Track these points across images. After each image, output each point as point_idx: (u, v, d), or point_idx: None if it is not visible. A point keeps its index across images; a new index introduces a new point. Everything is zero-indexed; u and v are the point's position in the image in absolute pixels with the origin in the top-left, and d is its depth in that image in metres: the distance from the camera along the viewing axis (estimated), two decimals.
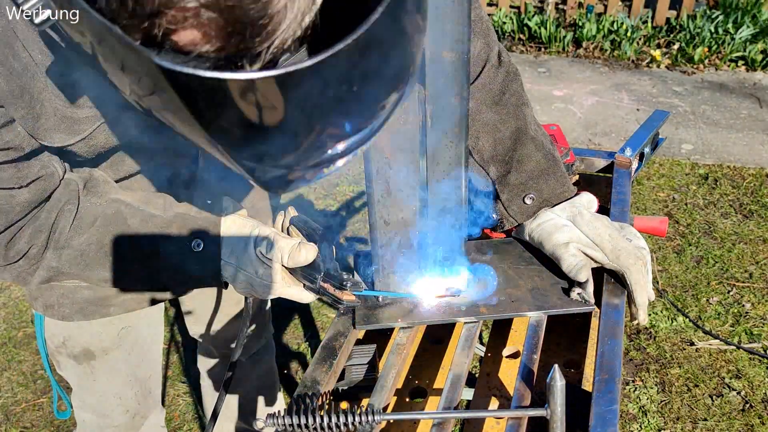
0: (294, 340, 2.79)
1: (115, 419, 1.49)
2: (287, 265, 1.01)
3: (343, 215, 3.49)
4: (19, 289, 3.11)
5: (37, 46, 0.85)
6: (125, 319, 1.37)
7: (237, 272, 1.04)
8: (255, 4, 0.57)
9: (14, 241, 0.96)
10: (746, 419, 2.32)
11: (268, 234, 1.03)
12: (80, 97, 0.91)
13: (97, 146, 0.98)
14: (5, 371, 2.68)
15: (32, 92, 0.87)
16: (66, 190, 0.99)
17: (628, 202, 1.36)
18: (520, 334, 1.20)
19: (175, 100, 0.55)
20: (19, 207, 0.93)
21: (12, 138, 0.88)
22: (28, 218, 0.96)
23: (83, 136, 0.95)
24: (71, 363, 1.39)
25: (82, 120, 0.93)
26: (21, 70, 0.85)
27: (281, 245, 1.01)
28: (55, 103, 0.90)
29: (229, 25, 0.58)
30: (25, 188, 0.93)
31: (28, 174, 0.93)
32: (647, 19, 5.57)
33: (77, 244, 0.99)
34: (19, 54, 0.84)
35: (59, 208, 0.98)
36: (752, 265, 3.05)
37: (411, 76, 0.64)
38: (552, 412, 0.84)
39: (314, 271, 1.02)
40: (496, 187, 1.18)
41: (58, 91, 0.89)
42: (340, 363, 1.07)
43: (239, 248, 1.03)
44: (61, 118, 0.91)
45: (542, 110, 4.54)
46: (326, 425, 0.84)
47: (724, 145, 4.06)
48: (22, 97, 0.87)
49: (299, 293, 1.06)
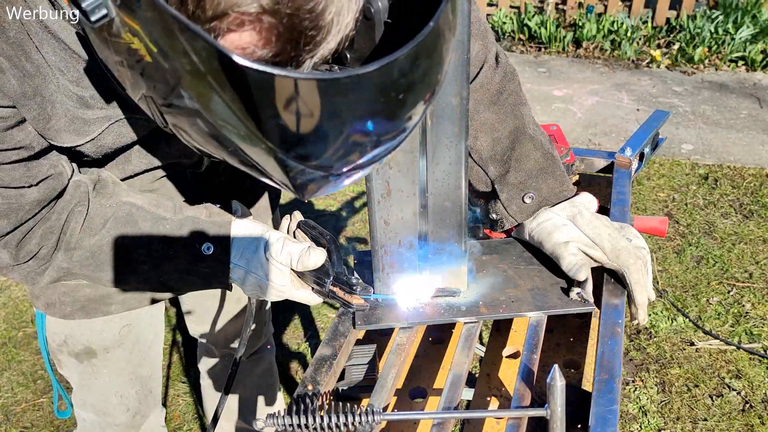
0: (294, 340, 2.79)
1: (115, 418, 1.50)
2: (297, 268, 1.03)
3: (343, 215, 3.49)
4: (19, 289, 3.11)
5: (51, 47, 0.86)
6: (126, 318, 1.37)
7: (246, 275, 1.05)
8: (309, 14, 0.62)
9: (25, 241, 0.97)
10: (746, 419, 2.32)
11: (278, 238, 1.04)
12: (92, 98, 0.92)
13: (104, 147, 0.99)
14: (5, 371, 2.68)
15: (44, 94, 0.88)
16: (76, 191, 1.00)
17: (628, 202, 1.36)
18: (520, 334, 1.20)
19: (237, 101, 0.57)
20: (29, 206, 0.94)
21: (23, 138, 0.89)
22: (38, 218, 0.96)
23: (92, 137, 0.96)
24: (72, 361, 1.40)
25: (92, 121, 0.94)
26: (34, 71, 0.86)
27: (291, 249, 1.02)
28: (66, 105, 0.91)
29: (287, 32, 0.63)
30: (35, 187, 0.94)
31: (37, 173, 0.94)
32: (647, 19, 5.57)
33: (88, 245, 1.00)
34: (31, 55, 0.85)
35: (70, 209, 0.99)
36: (752, 265, 3.05)
37: (439, 84, 0.68)
38: (552, 412, 0.84)
39: (323, 275, 1.03)
40: (495, 187, 1.18)
41: (70, 92, 0.90)
42: (340, 363, 1.07)
43: (249, 251, 1.04)
44: (72, 119, 0.92)
45: (542, 110, 4.55)
46: (326, 425, 0.84)
47: (724, 145, 4.06)
48: (34, 99, 0.87)
49: (308, 296, 1.07)
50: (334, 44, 0.67)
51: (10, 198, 0.92)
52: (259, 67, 0.54)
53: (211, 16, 0.61)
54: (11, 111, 0.86)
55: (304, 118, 0.59)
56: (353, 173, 0.70)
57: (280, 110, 0.58)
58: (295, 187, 0.69)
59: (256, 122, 0.59)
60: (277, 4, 0.61)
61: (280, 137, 0.61)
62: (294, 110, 0.58)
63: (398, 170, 0.97)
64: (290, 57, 0.66)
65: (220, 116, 0.61)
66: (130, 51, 0.63)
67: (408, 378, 1.15)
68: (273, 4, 0.61)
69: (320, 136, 0.61)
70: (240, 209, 1.10)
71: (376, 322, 1.09)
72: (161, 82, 0.63)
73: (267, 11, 0.61)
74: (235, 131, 0.62)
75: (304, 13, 0.62)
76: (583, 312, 1.09)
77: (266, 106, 0.58)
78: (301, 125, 0.60)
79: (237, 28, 0.62)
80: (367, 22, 0.73)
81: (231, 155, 0.69)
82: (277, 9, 0.61)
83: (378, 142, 0.66)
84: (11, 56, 0.83)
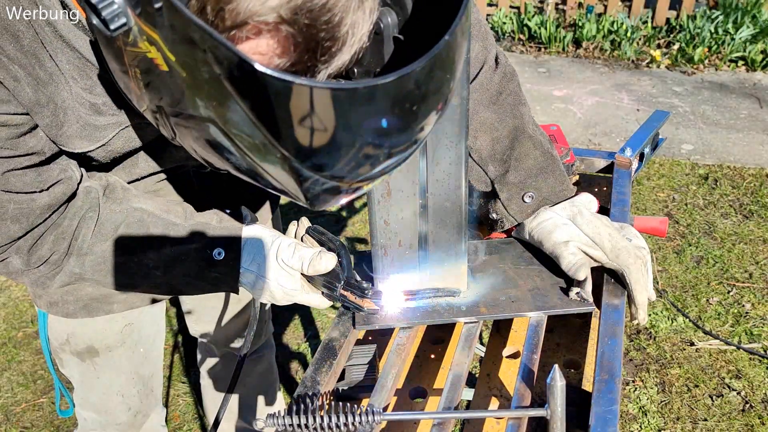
0: (294, 340, 2.79)
1: (117, 417, 1.50)
2: (308, 272, 1.03)
3: (343, 215, 3.49)
4: (19, 289, 3.11)
5: (65, 56, 0.87)
6: (128, 317, 1.38)
7: (257, 280, 1.06)
8: (326, 25, 0.63)
9: (36, 246, 0.97)
10: (746, 419, 2.32)
11: (290, 243, 1.05)
12: (104, 105, 0.93)
13: (113, 151, 1.00)
14: (5, 371, 2.68)
15: (57, 101, 0.89)
16: (87, 197, 1.01)
17: (628, 202, 1.36)
18: (520, 334, 1.20)
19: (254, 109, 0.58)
20: (39, 210, 0.95)
21: (35, 144, 0.90)
22: (49, 223, 0.97)
23: (103, 143, 0.97)
24: (74, 360, 1.40)
25: (103, 127, 0.95)
26: (47, 79, 0.87)
27: (302, 253, 1.03)
28: (78, 111, 0.91)
29: (304, 42, 0.64)
30: (45, 192, 0.94)
31: (48, 178, 0.94)
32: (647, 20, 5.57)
33: (100, 250, 1.01)
34: (45, 63, 0.86)
35: (81, 215, 1.00)
36: (752, 265, 3.05)
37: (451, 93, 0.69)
38: (552, 412, 0.84)
39: (334, 279, 1.04)
40: (495, 187, 1.18)
41: (83, 99, 0.91)
42: (340, 363, 1.07)
43: (260, 256, 1.05)
44: (84, 126, 0.93)
45: (542, 110, 4.55)
46: (326, 425, 0.84)
47: (724, 146, 4.06)
48: (47, 106, 0.88)
49: (318, 300, 1.08)
50: (348, 56, 0.68)
51: (21, 203, 0.93)
52: (278, 75, 0.55)
53: (230, 25, 0.62)
54: (25, 118, 0.87)
55: (319, 127, 0.60)
56: (364, 184, 0.71)
57: (297, 118, 0.59)
58: (306, 198, 0.70)
59: (273, 130, 0.60)
60: (296, 14, 0.62)
61: (296, 146, 0.61)
62: (310, 119, 0.59)
63: (398, 170, 0.97)
64: (306, 67, 0.67)
65: (235, 125, 0.62)
66: (146, 60, 0.64)
67: (408, 378, 1.15)
68: (291, 14, 0.62)
69: (334, 146, 0.62)
70: (249, 215, 1.12)
71: (376, 322, 1.09)
72: (176, 90, 0.64)
73: (285, 21, 0.62)
74: (249, 140, 0.63)
75: (321, 24, 0.63)
76: (583, 312, 1.09)
77: (284, 114, 0.58)
78: (317, 134, 0.60)
79: (255, 36, 0.63)
80: (376, 36, 0.74)
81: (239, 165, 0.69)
82: (295, 19, 0.62)
83: (390, 153, 0.67)
84: (25, 64, 0.84)
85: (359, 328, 1.09)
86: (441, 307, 1.11)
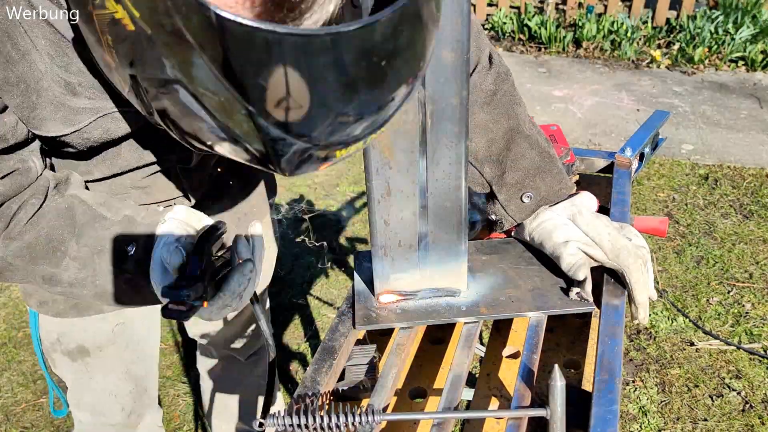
0: (294, 340, 2.79)
1: (111, 418, 1.49)
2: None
3: (344, 215, 3.49)
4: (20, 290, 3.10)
5: (41, 31, 0.84)
6: (120, 316, 1.36)
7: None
8: None
9: None
10: (746, 419, 2.32)
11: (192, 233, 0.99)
12: (80, 85, 0.90)
13: (90, 140, 0.97)
14: (5, 371, 2.68)
15: (29, 81, 0.86)
16: (36, 185, 0.97)
17: (629, 202, 1.36)
18: (520, 334, 1.20)
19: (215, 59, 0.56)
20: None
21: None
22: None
23: (78, 128, 0.93)
24: (66, 360, 1.39)
25: (78, 110, 0.92)
26: (19, 58, 0.84)
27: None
28: (53, 90, 0.89)
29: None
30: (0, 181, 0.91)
31: (3, 167, 0.91)
32: (647, 20, 5.57)
33: (29, 237, 0.96)
34: (17, 41, 0.84)
35: (23, 200, 0.95)
36: (752, 266, 3.05)
37: (421, 71, 0.67)
38: (552, 412, 0.84)
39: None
40: (493, 188, 1.18)
41: (58, 78, 0.88)
42: (340, 363, 1.07)
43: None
44: (58, 107, 0.90)
45: (542, 110, 4.55)
46: (326, 425, 0.84)
47: (724, 146, 4.06)
48: (17, 86, 0.86)
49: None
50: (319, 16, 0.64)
51: None
52: (236, 18, 0.53)
53: None
54: None
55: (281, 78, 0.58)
56: (336, 150, 0.68)
57: (257, 67, 0.57)
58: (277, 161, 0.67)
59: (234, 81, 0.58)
60: None
61: (259, 97, 0.59)
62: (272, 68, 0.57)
63: (398, 170, 0.97)
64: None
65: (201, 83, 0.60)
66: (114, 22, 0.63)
67: (408, 378, 1.15)
68: None
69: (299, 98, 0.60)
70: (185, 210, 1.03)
71: (376, 322, 1.09)
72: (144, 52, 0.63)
73: None
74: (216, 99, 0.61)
75: None
76: (583, 312, 1.09)
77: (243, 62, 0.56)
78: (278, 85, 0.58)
79: None
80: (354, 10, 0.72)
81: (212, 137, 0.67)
82: None
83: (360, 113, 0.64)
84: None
85: (359, 328, 1.09)
86: (441, 307, 1.11)
